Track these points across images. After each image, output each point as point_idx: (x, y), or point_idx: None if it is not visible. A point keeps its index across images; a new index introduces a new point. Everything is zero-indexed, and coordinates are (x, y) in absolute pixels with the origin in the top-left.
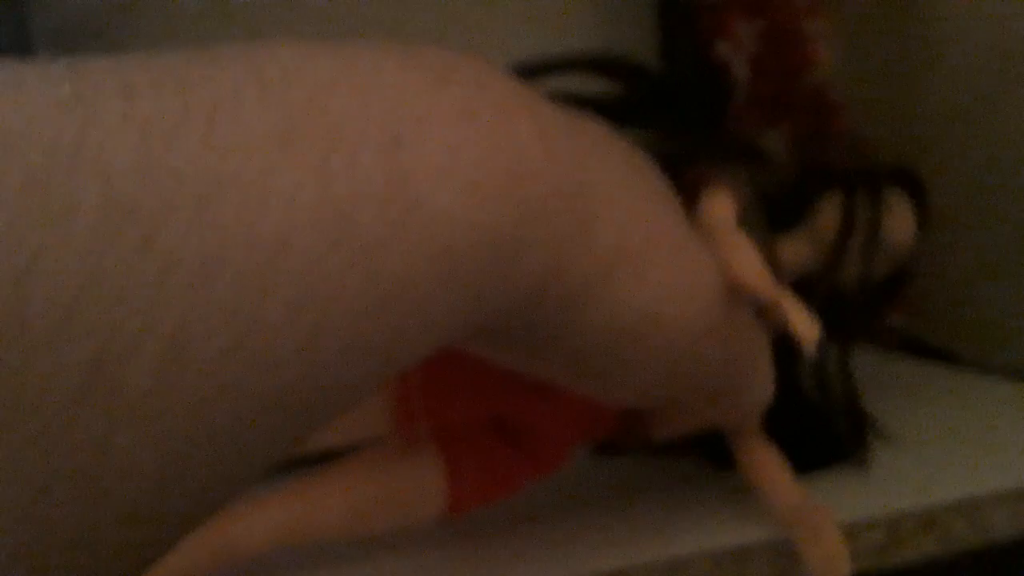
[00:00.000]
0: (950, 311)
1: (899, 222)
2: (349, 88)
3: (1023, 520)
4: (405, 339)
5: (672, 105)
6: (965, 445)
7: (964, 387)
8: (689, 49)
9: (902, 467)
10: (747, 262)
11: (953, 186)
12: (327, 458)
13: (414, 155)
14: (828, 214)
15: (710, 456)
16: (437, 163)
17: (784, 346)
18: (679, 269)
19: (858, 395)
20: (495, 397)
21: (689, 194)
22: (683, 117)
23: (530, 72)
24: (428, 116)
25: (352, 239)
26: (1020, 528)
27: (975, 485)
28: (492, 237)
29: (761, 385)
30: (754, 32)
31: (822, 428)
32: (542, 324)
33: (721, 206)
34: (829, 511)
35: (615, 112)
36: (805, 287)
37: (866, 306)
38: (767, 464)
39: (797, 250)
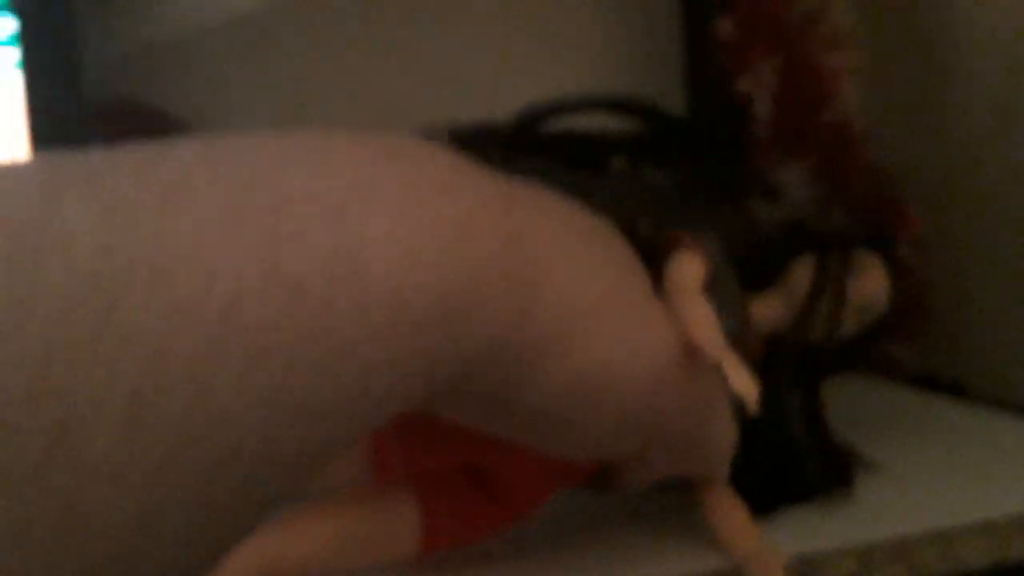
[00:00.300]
0: (964, 344)
1: (869, 282)
2: (296, 167)
3: (995, 552)
4: (360, 401)
5: (690, 143)
6: (948, 476)
7: (962, 420)
8: (714, 86)
9: (878, 497)
10: (698, 322)
11: (970, 219)
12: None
13: (359, 223)
14: (800, 274)
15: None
16: (382, 230)
17: (764, 390)
18: (632, 328)
19: (832, 437)
20: (470, 447)
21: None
22: (703, 154)
23: (550, 111)
24: (373, 188)
25: (301, 305)
26: (992, 560)
27: (949, 516)
28: (438, 299)
29: (722, 438)
30: (775, 67)
31: (798, 470)
32: (497, 387)
33: (689, 269)
34: (779, 554)
35: (632, 150)
36: (778, 342)
37: (837, 360)
38: (724, 507)
39: (771, 308)
